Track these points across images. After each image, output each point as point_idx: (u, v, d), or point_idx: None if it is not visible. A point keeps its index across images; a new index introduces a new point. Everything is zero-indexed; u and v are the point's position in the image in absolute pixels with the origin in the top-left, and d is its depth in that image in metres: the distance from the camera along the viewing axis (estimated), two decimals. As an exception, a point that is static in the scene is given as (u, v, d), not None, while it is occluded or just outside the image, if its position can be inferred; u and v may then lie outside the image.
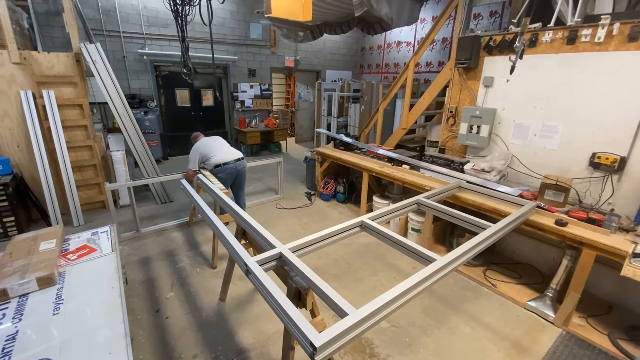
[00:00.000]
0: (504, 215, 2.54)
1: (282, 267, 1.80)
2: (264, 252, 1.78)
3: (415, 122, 6.04)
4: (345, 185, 4.79)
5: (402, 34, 8.25)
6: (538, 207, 2.60)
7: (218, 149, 3.54)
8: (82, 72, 3.95)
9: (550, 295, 2.58)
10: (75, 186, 3.92)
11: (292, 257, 1.71)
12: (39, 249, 2.24)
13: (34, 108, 3.67)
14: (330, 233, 1.99)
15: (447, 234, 3.55)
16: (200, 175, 3.18)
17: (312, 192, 5.05)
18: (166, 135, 7.17)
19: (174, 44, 6.75)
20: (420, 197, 2.58)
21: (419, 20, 6.63)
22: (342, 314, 1.34)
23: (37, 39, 5.12)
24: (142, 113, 6.42)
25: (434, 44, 7.49)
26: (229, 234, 1.99)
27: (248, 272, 1.65)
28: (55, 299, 1.88)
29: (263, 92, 8.25)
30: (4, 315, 1.75)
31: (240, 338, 2.27)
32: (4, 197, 3.43)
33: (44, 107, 3.71)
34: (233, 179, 3.60)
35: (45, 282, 1.97)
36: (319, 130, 5.30)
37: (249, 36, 7.67)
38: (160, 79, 6.98)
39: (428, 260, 1.76)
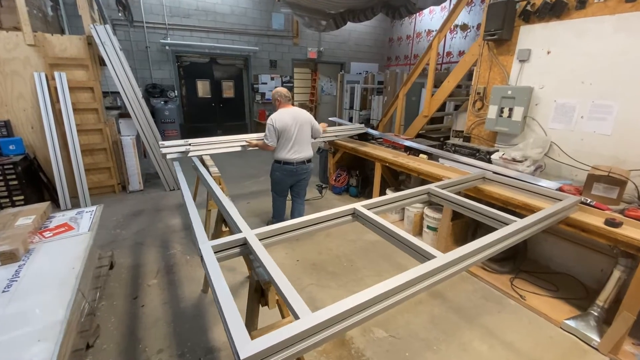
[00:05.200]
0: (536, 211, 2.06)
1: (247, 256, 1.52)
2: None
3: (443, 110, 5.55)
4: (359, 179, 4.42)
5: (433, 22, 7.68)
6: (582, 203, 2.10)
7: (290, 140, 2.90)
8: (93, 55, 3.95)
9: (596, 314, 2.05)
10: (83, 169, 3.93)
11: (257, 245, 1.41)
12: (15, 224, 2.14)
13: (46, 90, 3.72)
14: (310, 220, 1.67)
15: (469, 235, 3.07)
16: (195, 159, 2.99)
17: (324, 185, 4.74)
18: (186, 126, 7.21)
19: (195, 34, 6.76)
20: (432, 186, 2.18)
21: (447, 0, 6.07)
22: (296, 317, 1.03)
23: (65, 28, 5.30)
24: (162, 103, 6.48)
25: (468, 30, 6.86)
26: (194, 212, 1.75)
27: (202, 257, 1.37)
28: (12, 275, 1.74)
29: (284, 85, 8.06)
30: (-47, 288, 1.63)
31: (213, 335, 2.02)
32: (14, 176, 3.48)
33: (56, 89, 3.75)
34: (291, 181, 3.09)
35: (8, 257, 1.84)
36: (331, 119, 4.98)
37: (271, 27, 7.52)
38: (182, 69, 7.04)
39: (425, 257, 1.39)
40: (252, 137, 3.19)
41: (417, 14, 8.04)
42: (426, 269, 1.25)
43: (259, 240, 1.47)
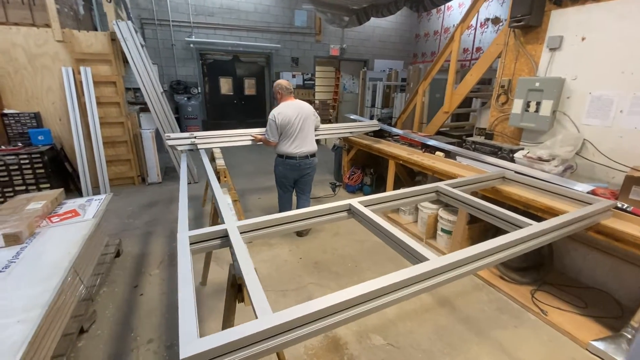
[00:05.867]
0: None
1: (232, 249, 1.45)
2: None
3: (469, 107, 5.23)
4: (373, 177, 4.26)
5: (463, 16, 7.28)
6: (617, 208, 1.83)
7: (292, 135, 2.83)
8: (116, 51, 4.10)
9: (629, 336, 1.78)
10: (105, 160, 4.09)
11: (236, 238, 1.34)
12: (25, 208, 2.23)
13: (73, 84, 3.90)
14: (300, 214, 1.57)
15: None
16: (202, 152, 2.98)
17: (338, 183, 4.62)
18: (209, 122, 7.36)
19: (219, 32, 6.88)
20: (441, 184, 2.00)
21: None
22: (255, 317, 0.93)
23: (97, 26, 5.57)
24: (186, 99, 6.66)
25: (500, 24, 6.43)
26: (183, 201, 1.70)
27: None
28: (13, 257, 1.78)
29: (305, 82, 8.03)
30: (-43, 265, 1.69)
31: (204, 329, 1.97)
32: (41, 165, 3.68)
33: (81, 83, 3.93)
34: (294, 176, 3.02)
35: (12, 239, 1.90)
36: (347, 115, 4.84)
37: (293, 24, 7.49)
38: (206, 66, 7.19)
39: (417, 259, 1.24)
40: (257, 131, 3.14)
41: (446, 8, 7.69)
42: (415, 272, 1.11)
43: (240, 233, 1.40)
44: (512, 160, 2.60)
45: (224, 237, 1.41)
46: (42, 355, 1.49)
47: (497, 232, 2.77)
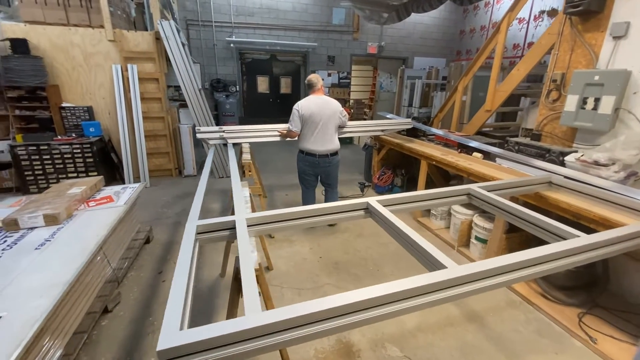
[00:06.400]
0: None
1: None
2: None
3: (517, 106, 4.78)
4: (404, 179, 4.06)
5: (512, 3, 6.72)
6: (695, 224, 1.51)
7: (314, 130, 2.81)
8: (160, 49, 4.34)
9: None
10: (145, 152, 4.35)
11: (242, 230, 1.30)
12: (67, 192, 2.41)
13: (121, 80, 4.20)
14: (312, 211, 1.50)
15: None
16: (229, 146, 3.02)
17: (367, 184, 4.47)
18: (245, 120, 7.57)
19: (258, 31, 7.04)
20: (474, 186, 1.81)
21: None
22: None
23: (148, 28, 5.97)
24: (224, 97, 6.90)
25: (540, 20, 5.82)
26: (200, 193, 1.71)
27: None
28: (50, 236, 1.92)
29: (341, 81, 7.94)
30: (4, 241, 1.86)
31: (218, 318, 1.98)
32: (90, 155, 4.01)
33: (128, 79, 4.21)
34: (315, 172, 3.00)
35: (50, 219, 2.05)
36: (380, 113, 4.66)
37: (331, 22, 7.44)
38: (244, 65, 7.40)
39: (435, 266, 1.11)
40: (285, 127, 3.13)
41: (495, 0, 7.16)
42: (428, 281, 0.98)
43: (248, 225, 1.36)
44: (562, 164, 2.30)
45: (232, 229, 1.38)
46: (65, 329, 1.58)
47: (540, 244, 2.47)
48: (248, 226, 1.37)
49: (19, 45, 3.65)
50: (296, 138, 2.97)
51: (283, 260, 2.65)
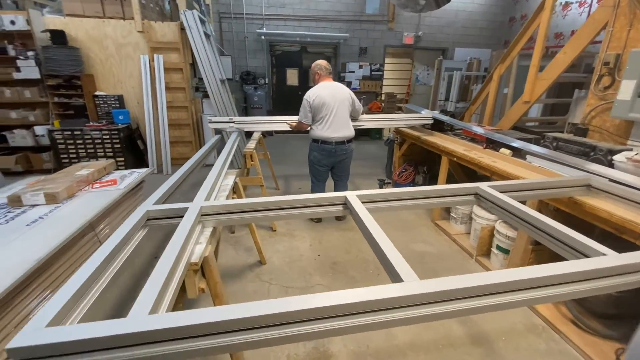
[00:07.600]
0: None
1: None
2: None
3: (570, 97, 4.16)
4: (426, 176, 3.72)
5: (575, -11, 5.89)
6: None
7: (328, 117, 2.67)
8: (185, 40, 4.42)
9: None
10: (168, 140, 4.48)
11: (189, 219, 1.19)
12: (75, 174, 2.50)
13: (148, 70, 4.35)
14: (281, 202, 1.33)
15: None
16: (234, 134, 2.95)
17: (387, 181, 4.18)
18: (273, 112, 7.57)
19: (289, 23, 6.96)
20: (483, 185, 1.52)
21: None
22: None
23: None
24: (253, 89, 6.94)
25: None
26: (173, 177, 1.63)
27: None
28: (45, 214, 1.96)
29: (372, 73, 7.59)
30: (5, 217, 1.94)
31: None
32: (118, 141, 4.22)
33: (154, 69, 4.35)
34: (330, 162, 2.85)
35: (50, 198, 2.12)
36: (407, 106, 4.31)
37: (364, 11, 7.12)
38: (274, 58, 7.38)
39: (394, 278, 0.89)
40: (295, 119, 2.99)
41: (552, -19, 6.33)
42: (379, 295, 0.78)
43: (202, 215, 1.24)
44: (611, 164, 1.88)
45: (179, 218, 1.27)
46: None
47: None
48: (203, 215, 1.25)
49: (58, 36, 3.92)
50: (309, 129, 2.82)
51: (279, 255, 2.52)
